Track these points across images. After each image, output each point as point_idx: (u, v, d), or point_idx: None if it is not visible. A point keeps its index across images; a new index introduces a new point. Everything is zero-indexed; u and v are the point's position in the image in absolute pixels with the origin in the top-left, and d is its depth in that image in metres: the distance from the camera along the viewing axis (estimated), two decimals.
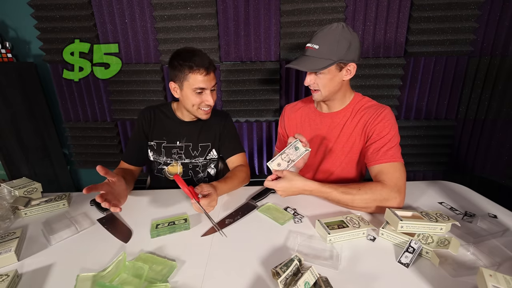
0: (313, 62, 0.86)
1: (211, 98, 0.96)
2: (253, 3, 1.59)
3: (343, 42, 0.84)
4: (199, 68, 0.91)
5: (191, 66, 0.90)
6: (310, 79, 0.91)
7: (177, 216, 0.79)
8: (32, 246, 0.70)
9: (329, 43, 0.84)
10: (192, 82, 0.92)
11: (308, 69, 0.87)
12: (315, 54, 0.86)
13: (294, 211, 0.82)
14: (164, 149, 1.07)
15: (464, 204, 0.85)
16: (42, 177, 1.86)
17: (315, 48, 0.86)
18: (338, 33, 0.84)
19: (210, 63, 0.94)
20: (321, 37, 0.86)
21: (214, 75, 0.97)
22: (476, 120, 1.73)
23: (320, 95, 0.92)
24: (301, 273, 0.52)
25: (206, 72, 0.92)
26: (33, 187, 0.93)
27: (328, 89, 0.90)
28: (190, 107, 0.98)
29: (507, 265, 0.59)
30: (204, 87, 0.94)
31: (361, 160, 1.00)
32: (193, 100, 0.95)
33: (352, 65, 0.89)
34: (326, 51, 0.84)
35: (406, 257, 0.60)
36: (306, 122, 1.06)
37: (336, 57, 0.84)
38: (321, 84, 0.90)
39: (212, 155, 1.11)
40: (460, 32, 1.58)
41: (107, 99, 1.84)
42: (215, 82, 0.98)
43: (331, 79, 0.89)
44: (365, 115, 0.93)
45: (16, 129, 1.70)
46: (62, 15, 1.67)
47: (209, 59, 0.95)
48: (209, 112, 1.01)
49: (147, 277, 0.56)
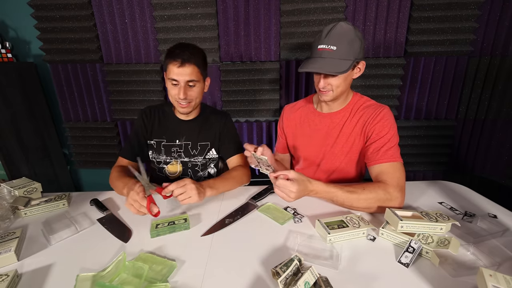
0: (334, 64, 0.83)
1: (182, 92, 0.93)
2: (253, 3, 1.59)
3: (357, 41, 0.84)
4: (175, 58, 0.91)
5: (170, 56, 0.93)
6: (326, 81, 0.88)
7: (177, 216, 0.79)
8: (32, 246, 0.70)
9: (346, 43, 0.83)
10: (168, 72, 0.95)
11: (334, 72, 0.82)
12: (334, 56, 0.83)
13: (294, 211, 0.82)
14: (163, 147, 1.07)
15: (464, 204, 0.85)
16: (42, 177, 1.85)
17: (333, 49, 0.83)
18: (352, 33, 0.83)
19: (189, 57, 0.92)
20: (337, 38, 0.83)
21: (194, 71, 0.93)
22: (476, 120, 1.73)
23: (332, 95, 0.91)
24: (301, 273, 0.52)
25: (180, 64, 0.91)
26: (33, 187, 0.92)
27: (341, 89, 0.89)
28: (170, 99, 0.99)
29: (507, 265, 0.59)
30: (176, 79, 0.93)
31: (360, 160, 1.00)
32: (170, 91, 0.97)
33: (362, 63, 0.89)
34: (345, 52, 0.83)
35: (406, 257, 0.60)
36: (305, 122, 1.06)
37: (353, 56, 0.84)
38: (335, 85, 0.88)
39: (212, 154, 1.11)
40: (460, 32, 1.58)
41: (107, 99, 1.84)
42: (193, 78, 0.94)
43: (345, 79, 0.88)
44: (364, 115, 0.93)
45: (16, 129, 1.70)
46: (62, 15, 1.67)
47: (192, 53, 0.93)
48: (186, 108, 0.98)
49: (147, 277, 0.56)
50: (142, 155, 1.09)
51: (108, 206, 0.88)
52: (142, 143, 1.08)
